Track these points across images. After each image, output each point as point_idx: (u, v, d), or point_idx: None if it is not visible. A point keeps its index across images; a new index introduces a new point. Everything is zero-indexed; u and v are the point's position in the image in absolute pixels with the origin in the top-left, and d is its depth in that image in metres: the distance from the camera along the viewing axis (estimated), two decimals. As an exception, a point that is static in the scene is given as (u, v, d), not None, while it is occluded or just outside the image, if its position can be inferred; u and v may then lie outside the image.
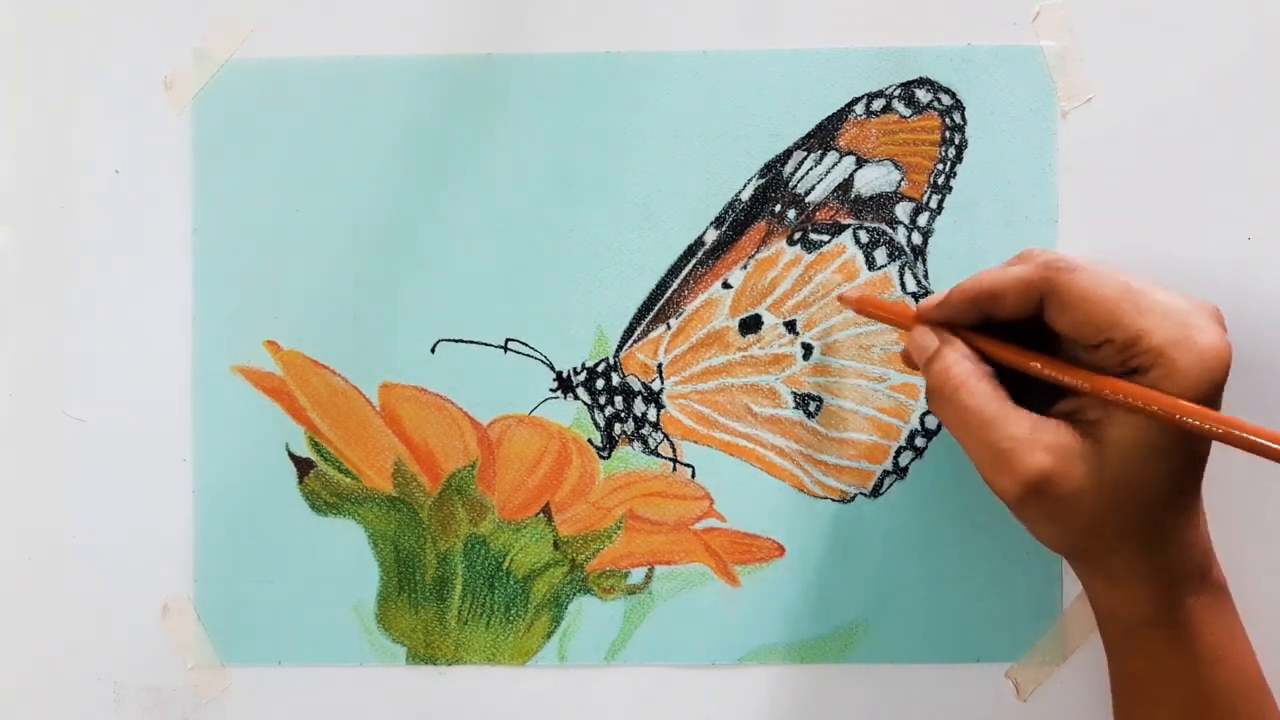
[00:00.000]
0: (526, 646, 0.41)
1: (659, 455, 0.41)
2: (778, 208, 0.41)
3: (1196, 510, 0.34)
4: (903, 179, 0.40)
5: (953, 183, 0.40)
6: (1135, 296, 0.32)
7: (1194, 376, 0.31)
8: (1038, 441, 0.32)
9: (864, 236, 0.40)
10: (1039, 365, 0.34)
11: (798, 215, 0.41)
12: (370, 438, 0.41)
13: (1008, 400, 0.33)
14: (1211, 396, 0.31)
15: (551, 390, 0.41)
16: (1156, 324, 0.31)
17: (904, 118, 0.40)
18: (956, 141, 0.40)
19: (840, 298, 0.40)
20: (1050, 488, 0.32)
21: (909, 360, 0.37)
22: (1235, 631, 0.35)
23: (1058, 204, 0.40)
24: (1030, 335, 0.34)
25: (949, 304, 0.35)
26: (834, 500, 0.41)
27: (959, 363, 0.34)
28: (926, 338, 0.35)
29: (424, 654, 0.41)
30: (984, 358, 0.34)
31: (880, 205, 0.41)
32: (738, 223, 0.41)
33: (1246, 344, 0.40)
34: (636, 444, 0.41)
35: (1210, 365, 0.31)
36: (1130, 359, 0.32)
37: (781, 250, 0.41)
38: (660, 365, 0.41)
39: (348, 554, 0.41)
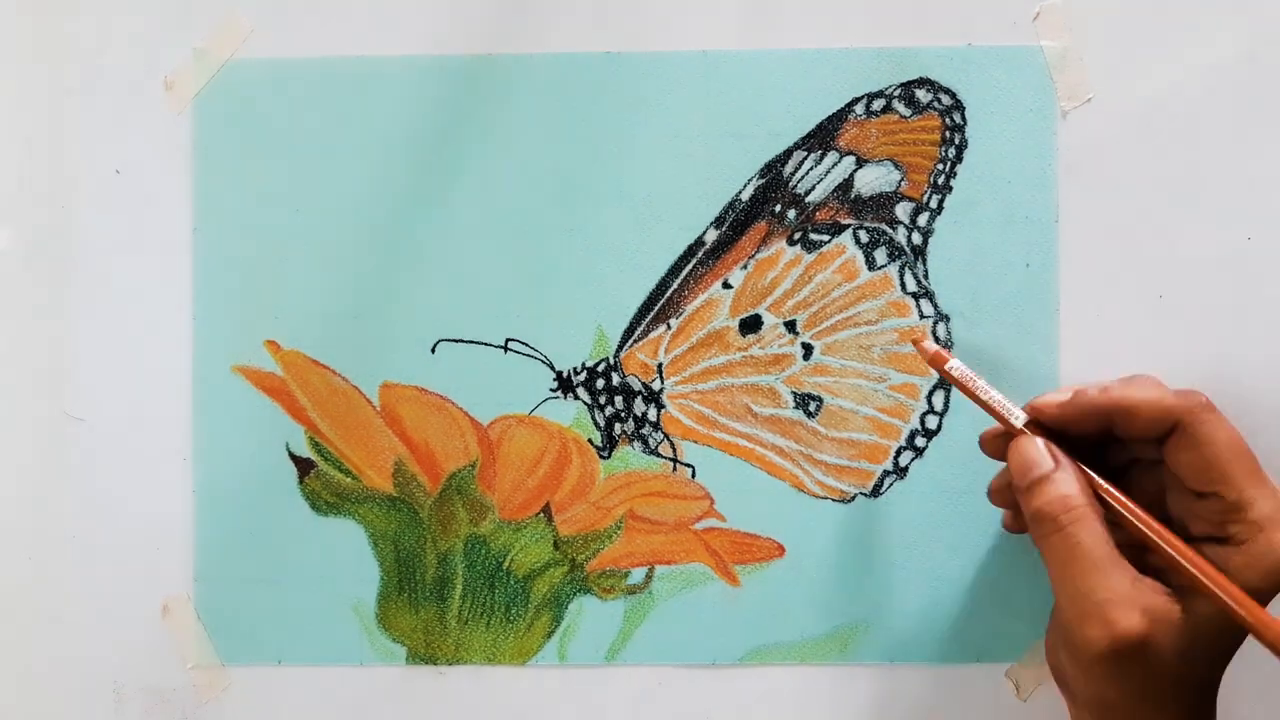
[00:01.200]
0: (526, 646, 0.41)
1: (659, 455, 0.41)
2: (778, 208, 0.41)
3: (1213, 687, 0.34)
4: (903, 179, 0.40)
5: (953, 183, 0.40)
6: (1255, 465, 0.32)
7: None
8: (1137, 601, 0.31)
9: (864, 236, 0.40)
10: (1156, 532, 0.33)
11: (798, 215, 0.41)
12: (370, 437, 0.41)
13: (1115, 548, 0.32)
14: None
15: (552, 390, 0.41)
16: (1267, 499, 0.31)
17: (904, 118, 0.40)
18: (956, 141, 0.40)
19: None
20: (1141, 652, 0.31)
21: (1016, 473, 0.34)
22: None
23: (1058, 204, 0.40)
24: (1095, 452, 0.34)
25: (1074, 405, 0.34)
26: (834, 500, 0.41)
27: (1080, 492, 0.33)
28: (1040, 454, 0.34)
29: (424, 654, 0.41)
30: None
31: (880, 205, 0.41)
32: (738, 223, 0.41)
33: (1246, 345, 0.40)
34: (637, 444, 0.41)
35: None
36: (1231, 521, 0.32)
37: (781, 250, 0.41)
38: (660, 365, 0.41)
39: (348, 554, 0.41)
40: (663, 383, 0.41)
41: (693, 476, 0.41)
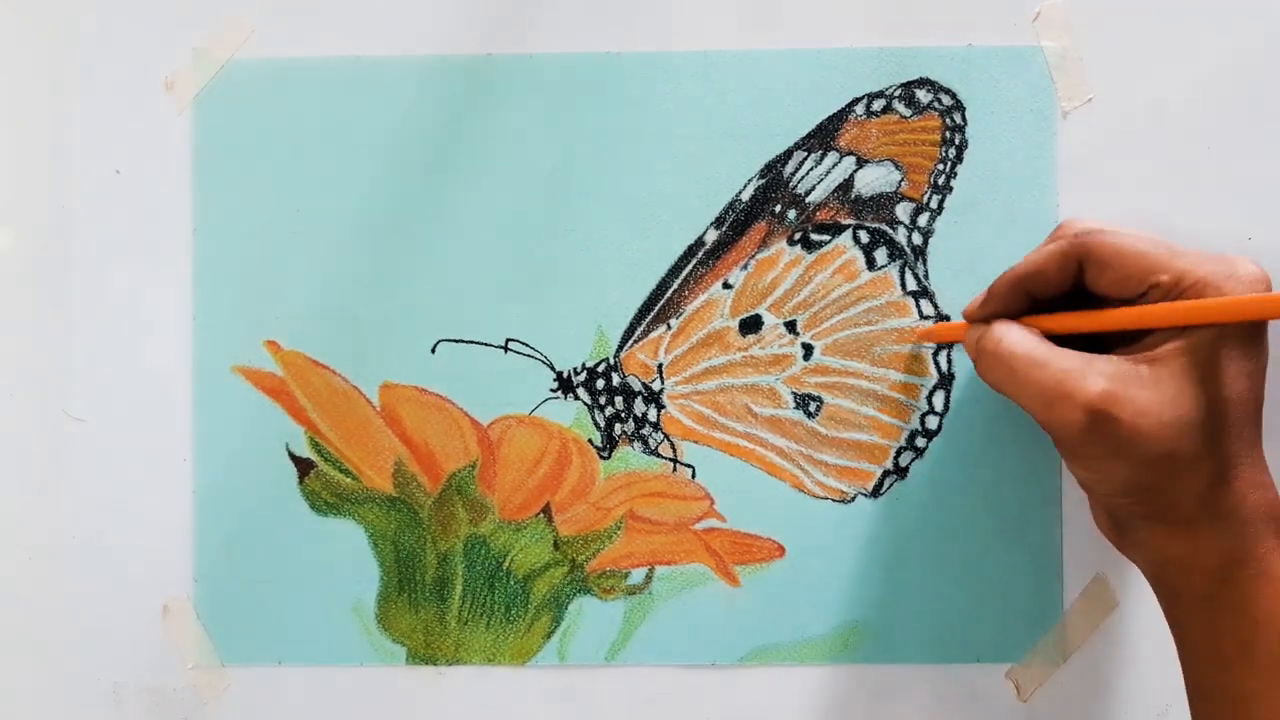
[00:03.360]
0: (526, 647, 0.41)
1: (659, 455, 0.41)
2: (778, 208, 0.41)
3: (1259, 448, 0.33)
4: (903, 179, 0.40)
5: (953, 183, 0.40)
6: (1168, 245, 0.33)
7: (1248, 288, 0.32)
8: (1092, 369, 0.32)
9: (864, 236, 0.40)
10: (1101, 319, 0.34)
11: (798, 215, 0.41)
12: (370, 438, 0.41)
13: (1052, 345, 0.34)
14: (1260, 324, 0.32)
15: (552, 390, 0.41)
16: (1196, 262, 0.32)
17: (904, 118, 0.40)
18: (957, 142, 0.40)
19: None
20: (1114, 408, 0.32)
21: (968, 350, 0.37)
22: None
23: (1058, 204, 0.40)
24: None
25: (993, 296, 0.36)
26: (834, 500, 0.41)
27: (1007, 327, 0.35)
28: (976, 328, 0.36)
29: (424, 654, 0.41)
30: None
31: (880, 205, 0.41)
32: (738, 223, 0.41)
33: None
34: (637, 444, 0.41)
35: (1256, 285, 0.32)
36: (1179, 297, 0.32)
37: (782, 250, 0.41)
38: (660, 365, 0.41)
39: (348, 554, 0.41)
40: (663, 383, 0.41)
41: (693, 477, 0.41)
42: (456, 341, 0.41)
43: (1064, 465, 0.40)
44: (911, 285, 0.40)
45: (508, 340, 0.41)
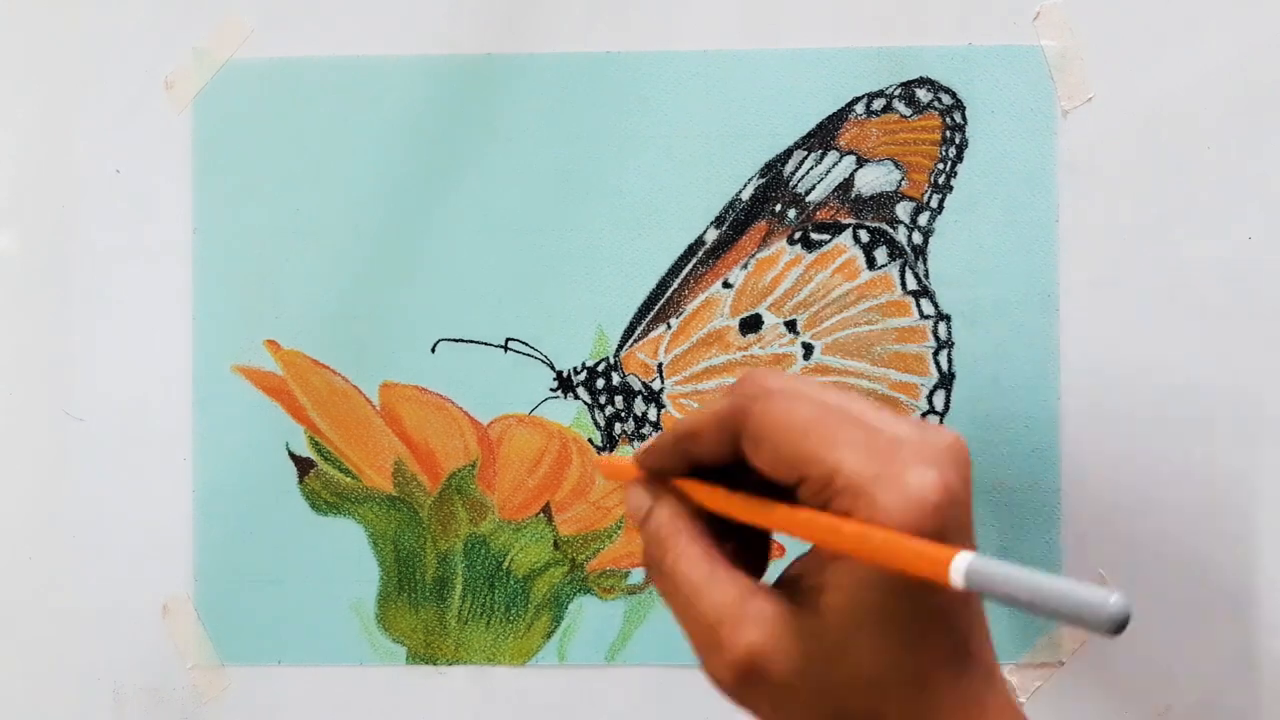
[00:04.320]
0: (526, 646, 0.41)
1: (659, 455, 0.41)
2: (778, 207, 0.41)
3: (968, 695, 0.26)
4: (903, 178, 0.40)
5: (953, 182, 0.40)
6: (833, 425, 0.25)
7: (901, 519, 0.24)
8: (745, 613, 0.26)
9: (864, 236, 0.40)
10: (735, 505, 0.27)
11: (798, 215, 0.41)
12: (370, 437, 0.41)
13: (720, 562, 0.27)
14: (937, 530, 0.24)
15: (552, 390, 0.41)
16: (852, 457, 0.25)
17: (904, 117, 0.40)
18: (957, 141, 0.40)
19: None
20: (762, 668, 0.25)
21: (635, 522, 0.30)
22: None
23: (1058, 204, 0.40)
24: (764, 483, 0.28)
25: (655, 449, 0.29)
26: (834, 500, 0.41)
27: (667, 522, 0.28)
28: (639, 497, 0.29)
29: (424, 654, 0.41)
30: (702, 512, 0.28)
31: (881, 205, 0.41)
32: (738, 222, 0.41)
33: (1247, 345, 0.40)
34: (637, 443, 0.41)
35: (921, 507, 0.24)
36: (828, 500, 0.25)
37: (782, 250, 0.41)
38: (660, 365, 0.41)
39: (348, 554, 0.41)
40: (663, 382, 0.41)
41: (693, 476, 0.41)
42: (456, 341, 0.41)
43: (1062, 465, 0.40)
44: (912, 284, 0.40)
45: (508, 340, 0.41)
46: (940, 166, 0.40)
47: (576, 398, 0.41)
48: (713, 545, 0.28)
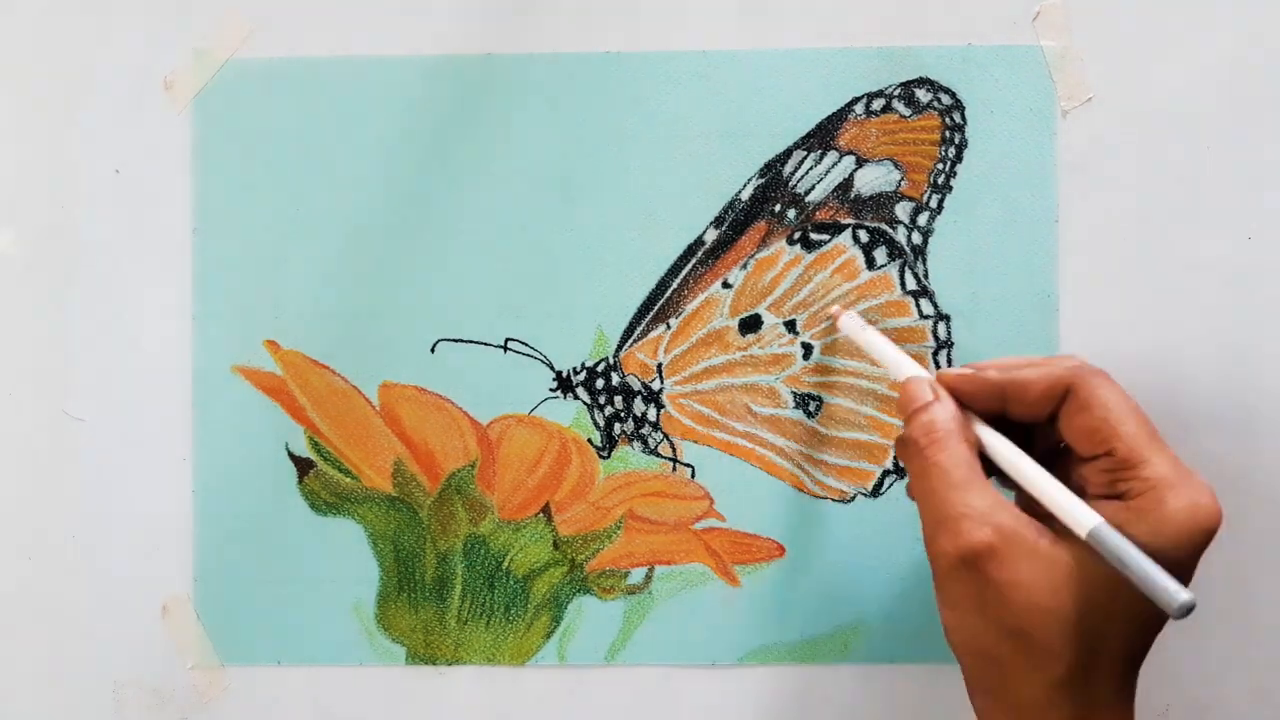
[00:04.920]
0: (526, 646, 0.41)
1: (659, 455, 0.41)
2: (777, 207, 0.41)
3: (1133, 679, 0.32)
4: (903, 178, 0.40)
5: (953, 182, 0.40)
6: (1152, 429, 0.31)
7: (1178, 523, 0.29)
8: (991, 517, 0.30)
9: (864, 236, 0.40)
10: (1025, 467, 0.32)
11: (798, 215, 0.41)
12: (370, 437, 0.41)
13: (981, 473, 0.32)
14: (1187, 556, 0.30)
15: (551, 390, 0.41)
16: (1163, 460, 0.30)
17: (904, 117, 0.40)
18: (956, 141, 0.40)
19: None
20: (986, 565, 0.30)
21: (900, 408, 0.35)
22: None
23: (1058, 204, 0.40)
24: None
25: (973, 380, 0.33)
26: (834, 500, 0.41)
27: (947, 419, 0.33)
28: (924, 390, 0.34)
29: (424, 654, 0.41)
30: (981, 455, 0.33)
31: (880, 205, 0.41)
32: (737, 222, 0.41)
33: (1247, 344, 0.40)
34: (636, 444, 0.41)
35: (1199, 522, 0.29)
36: (1122, 479, 0.30)
37: (781, 250, 0.41)
38: (660, 365, 0.41)
39: (348, 554, 0.41)
40: (662, 382, 0.41)
41: (692, 476, 0.41)
42: (456, 341, 0.41)
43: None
44: (911, 284, 0.40)
45: (507, 340, 0.41)
46: (940, 166, 0.40)
47: (576, 398, 0.41)
48: (976, 458, 0.32)
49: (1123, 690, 0.31)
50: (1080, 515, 0.30)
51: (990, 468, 0.33)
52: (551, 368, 0.41)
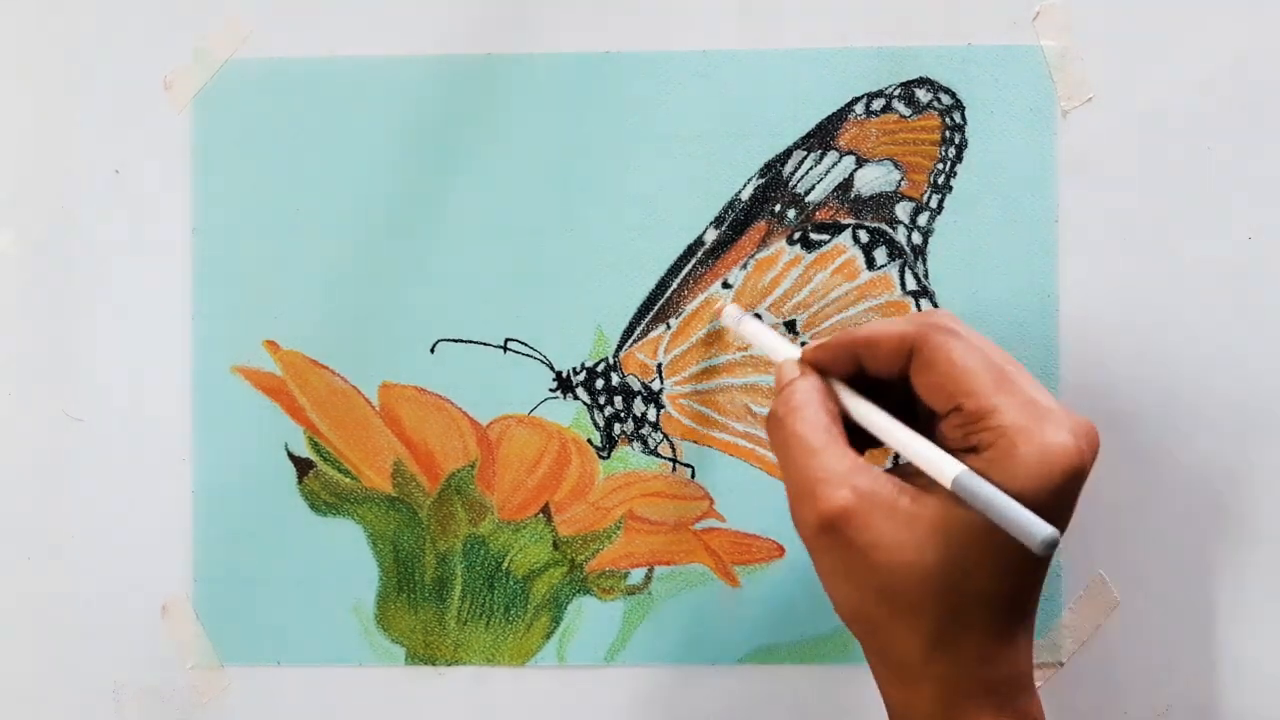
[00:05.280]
0: (526, 647, 0.41)
1: (659, 455, 0.41)
2: (777, 207, 0.41)
3: (1018, 627, 0.31)
4: (903, 178, 0.40)
5: (953, 182, 0.40)
6: (1000, 375, 0.30)
7: (1030, 470, 0.28)
8: (848, 480, 0.30)
9: (864, 236, 0.40)
10: (869, 414, 0.32)
11: (798, 215, 0.41)
12: (370, 438, 0.41)
13: (841, 438, 0.31)
14: (1050, 498, 0.28)
15: (551, 390, 0.41)
16: (1010, 406, 0.29)
17: (904, 117, 0.40)
18: (956, 141, 0.40)
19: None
20: (845, 527, 0.30)
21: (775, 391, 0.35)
22: None
23: (1058, 204, 0.40)
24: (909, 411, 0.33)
25: (827, 347, 0.33)
26: (834, 500, 0.41)
27: (804, 390, 0.33)
28: (791, 369, 0.34)
29: (423, 654, 0.41)
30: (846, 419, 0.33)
31: (880, 205, 0.40)
32: (737, 222, 0.41)
33: (1247, 345, 0.40)
34: (636, 444, 0.41)
35: (1052, 465, 0.28)
36: (973, 432, 0.30)
37: (781, 250, 0.41)
38: (660, 365, 0.41)
39: (347, 554, 0.41)
40: (662, 383, 0.41)
41: (692, 476, 0.41)
42: (456, 341, 0.41)
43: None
44: (911, 285, 0.40)
45: (507, 340, 0.41)
46: (940, 166, 0.40)
47: (576, 398, 0.41)
48: (836, 424, 0.32)
49: (1005, 641, 0.30)
50: (943, 465, 0.29)
51: (866, 439, 0.33)
52: (551, 368, 0.41)
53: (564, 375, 0.41)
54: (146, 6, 0.41)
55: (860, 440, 0.32)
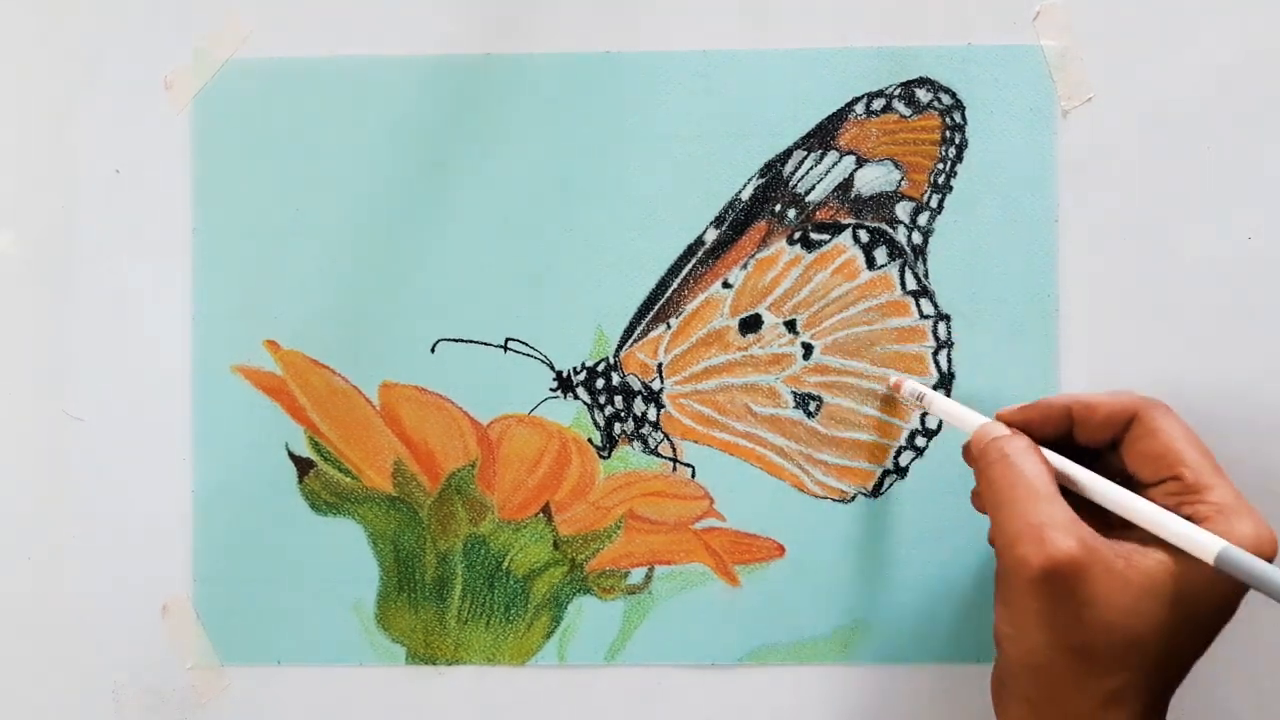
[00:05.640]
0: (526, 646, 0.41)
1: (659, 455, 0.41)
2: (778, 207, 0.41)
3: (1168, 697, 0.33)
4: (903, 178, 0.40)
5: (953, 182, 0.40)
6: (1214, 459, 0.33)
7: (1247, 548, 0.30)
8: (1074, 531, 0.31)
9: (864, 236, 0.40)
10: (1111, 494, 0.33)
11: (798, 215, 0.41)
12: (370, 437, 0.41)
13: (1057, 489, 0.32)
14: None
15: (551, 390, 0.41)
16: (1227, 488, 0.32)
17: (904, 117, 0.40)
18: (957, 141, 0.40)
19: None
20: (1069, 577, 0.30)
21: (975, 445, 0.35)
22: None
23: (1058, 204, 0.40)
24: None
25: (1036, 407, 0.35)
26: (834, 500, 0.41)
27: (1023, 446, 0.33)
28: (997, 426, 0.35)
29: (424, 654, 0.41)
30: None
31: (880, 205, 0.41)
32: (738, 222, 0.41)
33: (1246, 345, 0.40)
34: (636, 444, 0.41)
35: (1263, 549, 0.30)
36: (1188, 503, 0.32)
37: (781, 250, 0.41)
38: (660, 365, 0.41)
39: (348, 554, 0.41)
40: (662, 382, 0.41)
41: (692, 476, 0.41)
42: (456, 341, 0.41)
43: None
44: (911, 284, 0.40)
45: (507, 340, 0.41)
46: (940, 166, 0.40)
47: (576, 398, 0.41)
48: (1054, 479, 0.33)
49: (1163, 705, 0.32)
50: (1203, 540, 0.30)
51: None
52: (552, 368, 0.41)
53: (564, 375, 0.41)
54: (146, 6, 0.41)
55: None
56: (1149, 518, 0.32)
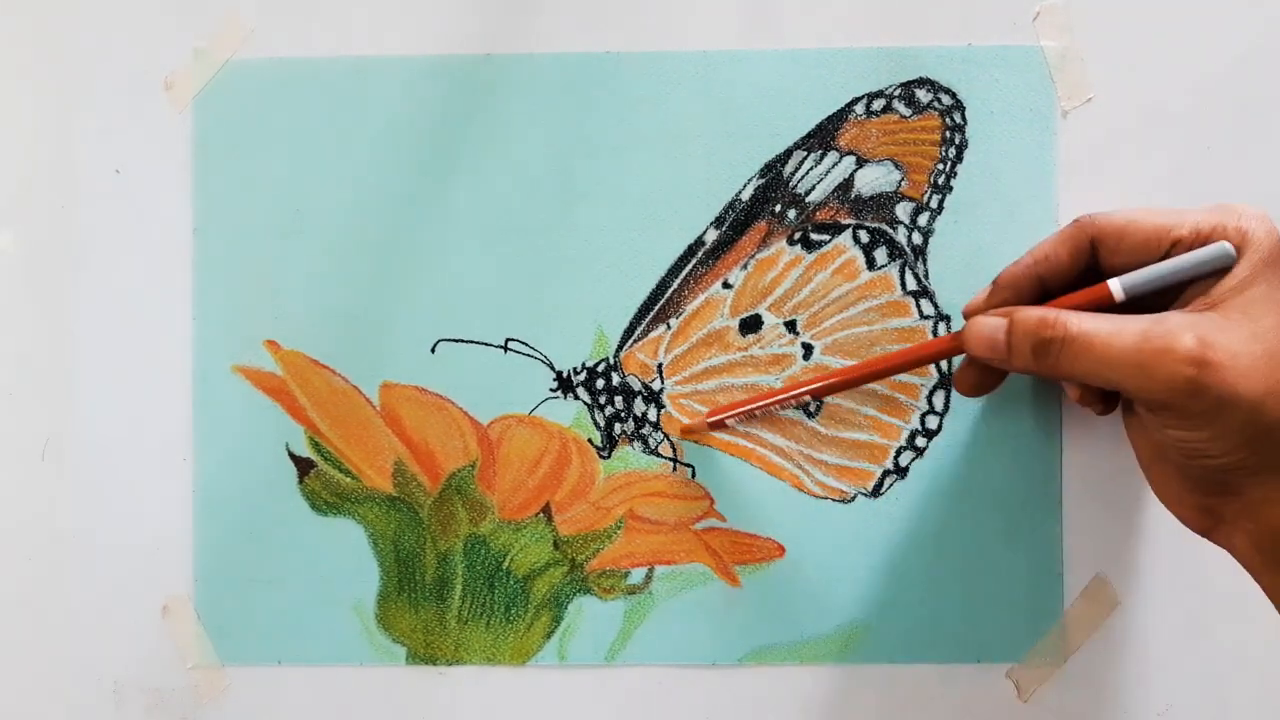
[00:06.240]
0: (526, 646, 0.41)
1: (659, 455, 0.41)
2: (778, 207, 0.41)
3: None
4: (903, 179, 0.40)
5: (953, 182, 0.40)
6: (1166, 209, 0.33)
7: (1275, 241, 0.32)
8: (1170, 324, 0.31)
9: (864, 236, 0.40)
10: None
11: (798, 215, 0.41)
12: (370, 437, 0.41)
13: (1114, 315, 0.32)
14: None
15: (551, 390, 0.41)
16: (1205, 214, 0.33)
17: (904, 118, 0.40)
18: (957, 141, 0.40)
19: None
20: (1211, 355, 0.30)
21: (963, 384, 0.37)
22: None
23: (1058, 204, 0.40)
24: None
25: (1001, 287, 0.35)
26: (834, 500, 0.41)
27: (1044, 310, 0.33)
28: (989, 320, 0.35)
29: (424, 654, 0.41)
30: None
31: (880, 205, 0.41)
32: (738, 223, 0.41)
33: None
34: (636, 444, 0.41)
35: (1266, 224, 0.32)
36: (1200, 245, 0.32)
37: (782, 250, 0.41)
38: (660, 365, 0.41)
39: (348, 554, 0.41)
40: (663, 383, 0.41)
41: (693, 476, 0.41)
42: (456, 341, 0.41)
43: (1063, 464, 0.40)
44: (911, 285, 0.40)
45: (508, 340, 0.41)
46: (940, 167, 0.40)
47: (576, 398, 0.41)
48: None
49: None
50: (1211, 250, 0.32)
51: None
52: (552, 368, 0.41)
53: (564, 375, 0.41)
54: (146, 6, 0.41)
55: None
56: (1169, 265, 0.33)
